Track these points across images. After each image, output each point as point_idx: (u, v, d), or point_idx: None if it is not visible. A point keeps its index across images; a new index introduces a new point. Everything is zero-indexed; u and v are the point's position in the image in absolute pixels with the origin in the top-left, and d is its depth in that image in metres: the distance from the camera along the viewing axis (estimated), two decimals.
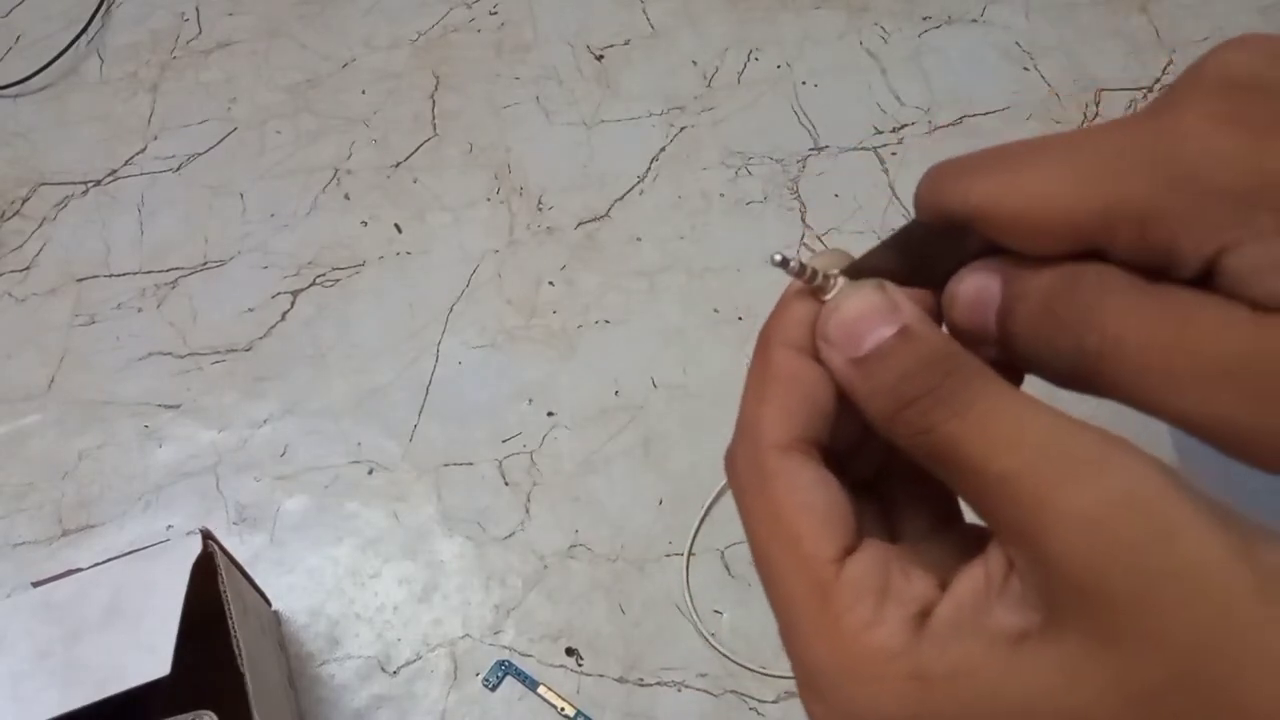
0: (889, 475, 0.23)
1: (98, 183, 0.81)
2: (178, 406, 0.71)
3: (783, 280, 0.21)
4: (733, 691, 0.60)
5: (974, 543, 0.19)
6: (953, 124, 0.80)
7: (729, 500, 0.66)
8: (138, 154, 0.82)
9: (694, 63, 0.85)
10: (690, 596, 0.63)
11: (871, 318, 0.19)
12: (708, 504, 0.65)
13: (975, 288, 0.20)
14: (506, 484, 0.67)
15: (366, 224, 0.78)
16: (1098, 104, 0.82)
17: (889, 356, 0.19)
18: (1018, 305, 0.19)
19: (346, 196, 0.79)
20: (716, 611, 0.63)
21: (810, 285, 0.21)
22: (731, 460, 0.21)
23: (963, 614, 0.17)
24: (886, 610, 0.18)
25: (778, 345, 0.21)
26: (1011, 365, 0.20)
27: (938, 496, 0.22)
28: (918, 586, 0.18)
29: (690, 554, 0.64)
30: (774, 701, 0.60)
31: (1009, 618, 0.17)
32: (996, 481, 0.17)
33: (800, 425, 0.20)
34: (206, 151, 0.82)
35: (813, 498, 0.19)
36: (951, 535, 0.21)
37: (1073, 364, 0.18)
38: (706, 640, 0.61)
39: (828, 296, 0.21)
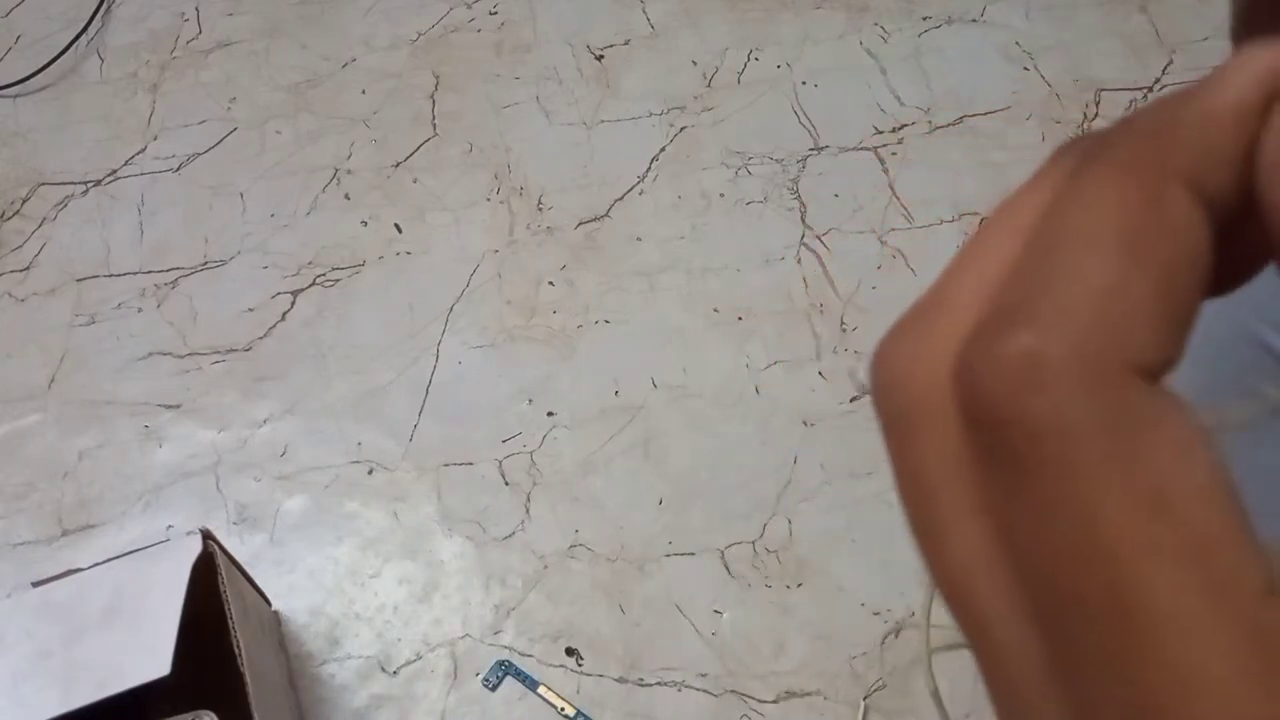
0: None
1: (98, 183, 0.81)
2: (178, 406, 0.71)
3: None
4: (733, 691, 0.60)
5: None
6: (953, 124, 0.80)
7: (728, 498, 0.66)
8: (138, 154, 0.82)
9: (694, 63, 0.85)
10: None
11: None
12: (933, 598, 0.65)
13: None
14: (506, 484, 0.67)
15: (366, 224, 0.78)
16: (1098, 104, 0.82)
17: None
18: None
19: (346, 196, 0.79)
20: (716, 611, 0.63)
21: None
22: (1044, 385, 0.12)
23: None
24: None
25: (1177, 181, 0.13)
26: None
27: None
28: None
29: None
30: (774, 701, 0.60)
31: None
32: None
33: (1181, 336, 0.13)
34: (206, 151, 0.82)
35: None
36: None
37: None
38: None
39: None
